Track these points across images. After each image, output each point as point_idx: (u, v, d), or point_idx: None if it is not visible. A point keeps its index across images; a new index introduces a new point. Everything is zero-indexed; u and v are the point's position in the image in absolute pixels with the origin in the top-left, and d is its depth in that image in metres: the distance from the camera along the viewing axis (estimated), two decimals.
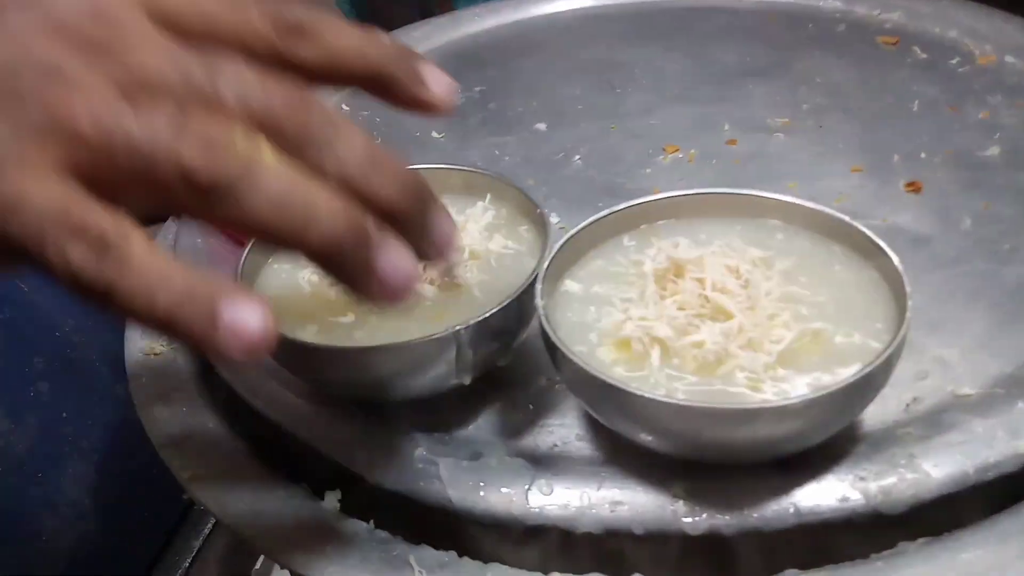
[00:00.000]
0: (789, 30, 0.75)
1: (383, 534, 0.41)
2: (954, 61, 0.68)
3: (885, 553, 0.38)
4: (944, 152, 0.59)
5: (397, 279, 0.30)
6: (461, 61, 0.79)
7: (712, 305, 0.40)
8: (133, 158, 0.28)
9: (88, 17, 0.30)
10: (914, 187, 0.56)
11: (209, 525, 0.85)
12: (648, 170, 0.62)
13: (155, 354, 0.53)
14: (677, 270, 0.42)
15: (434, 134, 0.69)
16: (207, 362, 0.53)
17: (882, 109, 0.64)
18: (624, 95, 0.70)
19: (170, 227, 0.65)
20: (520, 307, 0.41)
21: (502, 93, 0.73)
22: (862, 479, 0.38)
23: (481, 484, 0.41)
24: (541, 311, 0.40)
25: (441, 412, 0.46)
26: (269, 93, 0.30)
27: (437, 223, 0.33)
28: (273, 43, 0.33)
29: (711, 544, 0.38)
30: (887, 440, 0.40)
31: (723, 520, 0.38)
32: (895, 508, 0.38)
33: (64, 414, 0.64)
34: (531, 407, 0.46)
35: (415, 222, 0.32)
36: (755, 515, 0.38)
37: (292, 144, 0.30)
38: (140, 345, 0.54)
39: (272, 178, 0.29)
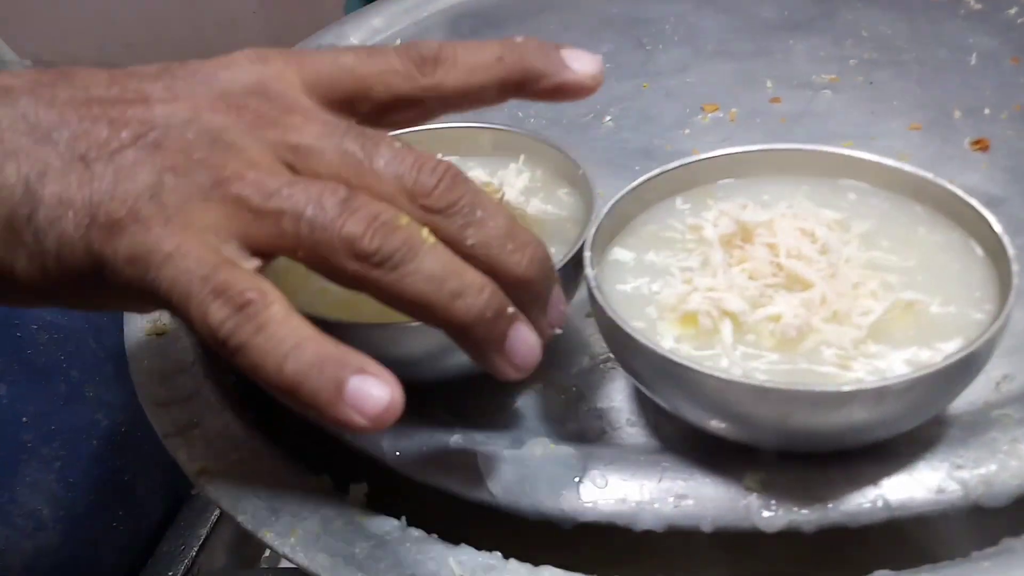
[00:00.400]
0: None
1: (417, 532, 0.36)
2: (1012, 11, 0.63)
3: (989, 551, 0.33)
4: (1012, 107, 0.54)
5: (525, 354, 0.32)
6: (478, 20, 0.74)
7: (787, 273, 0.35)
8: (299, 227, 0.30)
9: (252, 90, 0.33)
10: (981, 145, 0.51)
11: (216, 514, 0.81)
12: (687, 131, 0.57)
13: (158, 333, 0.48)
14: (744, 234, 0.37)
15: None
16: None
17: (937, 63, 0.59)
18: (655, 52, 0.65)
19: None
20: (566, 278, 0.37)
21: None
22: (959, 467, 0.34)
23: (526, 476, 0.36)
24: (592, 281, 0.35)
25: (477, 396, 0.41)
26: (420, 169, 0.31)
27: (556, 299, 0.34)
28: (416, 78, 0.35)
29: (789, 542, 0.34)
30: (982, 424, 0.36)
31: (803, 515, 0.34)
32: (998, 500, 0.33)
33: (24, 419, 0.59)
34: (574, 389, 0.41)
35: (540, 296, 0.33)
36: (839, 509, 0.34)
37: (441, 218, 0.31)
38: (141, 324, 0.49)
39: (431, 254, 0.30)
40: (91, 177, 0.30)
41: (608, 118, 0.59)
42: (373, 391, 0.29)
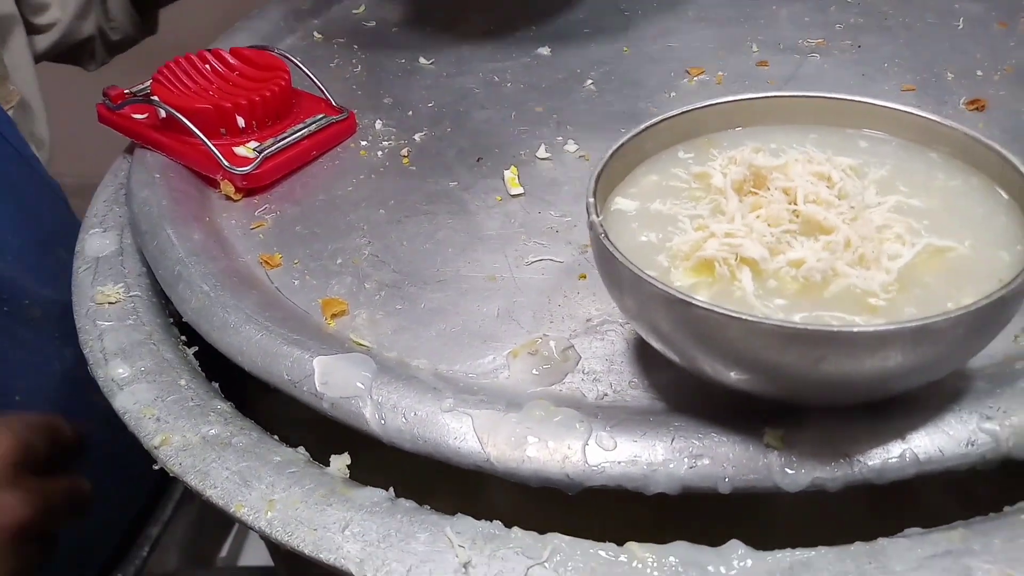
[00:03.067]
0: None
1: (408, 503, 0.33)
2: None
3: (1021, 504, 0.31)
4: (1004, 69, 0.53)
5: None
6: None
7: (805, 219, 0.33)
8: None
9: None
10: (977, 104, 0.50)
11: (168, 511, 0.77)
12: (672, 94, 0.55)
13: (109, 303, 0.45)
14: (757, 181, 0.35)
15: (422, 60, 0.61)
16: (174, 310, 0.45)
17: (925, 28, 0.58)
18: (635, 18, 0.63)
19: (121, 165, 0.57)
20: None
21: (497, 18, 0.65)
22: (988, 419, 0.32)
23: (526, 440, 0.34)
24: (599, 228, 0.32)
25: (465, 359, 0.38)
26: None
27: None
28: None
29: (814, 500, 0.32)
30: (1007, 375, 0.34)
31: (827, 472, 0.31)
32: None
33: None
34: (568, 351, 0.39)
35: None
36: (865, 465, 0.31)
37: None
38: (90, 293, 0.45)
39: None
40: None
41: (589, 81, 0.57)
42: None
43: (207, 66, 0.55)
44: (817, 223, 0.33)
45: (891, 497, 0.32)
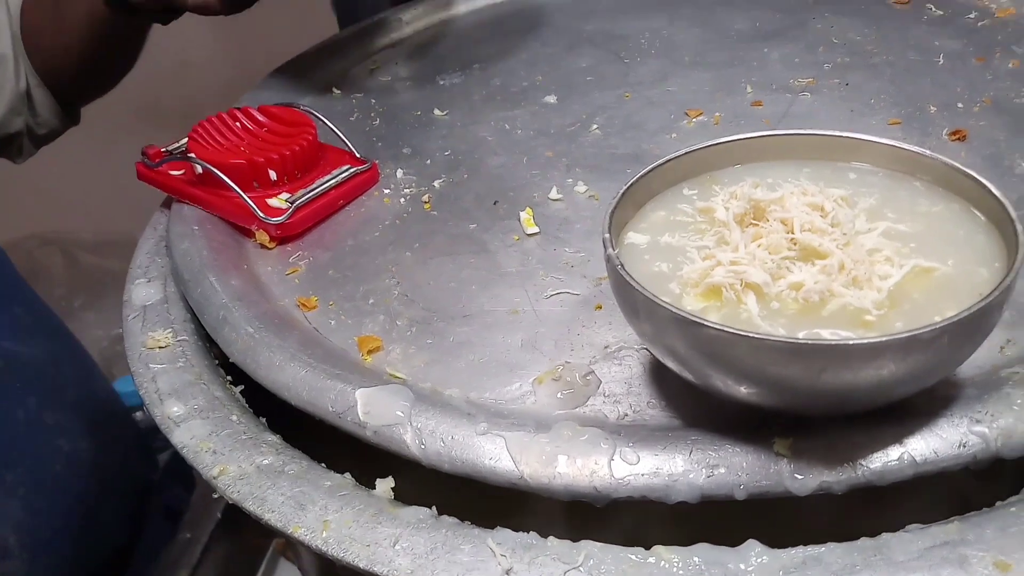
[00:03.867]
0: None
1: (450, 519, 0.36)
2: (971, 16, 0.66)
3: (1013, 499, 0.34)
4: (982, 101, 0.56)
5: None
6: (458, 40, 0.75)
7: (802, 246, 0.37)
8: None
9: None
10: (959, 135, 0.54)
11: (200, 548, 0.79)
12: (673, 135, 0.59)
13: (160, 347, 0.48)
14: (757, 213, 0.38)
15: (436, 112, 0.65)
16: (219, 352, 0.48)
17: (907, 65, 0.62)
18: (634, 65, 0.67)
19: (159, 219, 0.60)
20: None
21: (504, 69, 0.69)
22: (978, 422, 0.35)
23: (556, 458, 0.37)
24: (616, 260, 0.36)
25: (494, 388, 0.42)
26: None
27: None
28: None
29: (822, 503, 0.35)
30: (994, 382, 0.37)
31: (834, 476, 0.34)
32: (1017, 450, 0.35)
33: None
34: (589, 376, 0.42)
35: None
36: (868, 468, 0.34)
37: None
38: (141, 339, 0.49)
39: None
40: None
41: (595, 126, 0.61)
42: None
43: (238, 123, 0.59)
44: (813, 249, 0.36)
45: (894, 496, 0.35)
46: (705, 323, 0.32)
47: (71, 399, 0.69)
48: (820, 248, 0.36)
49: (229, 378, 0.47)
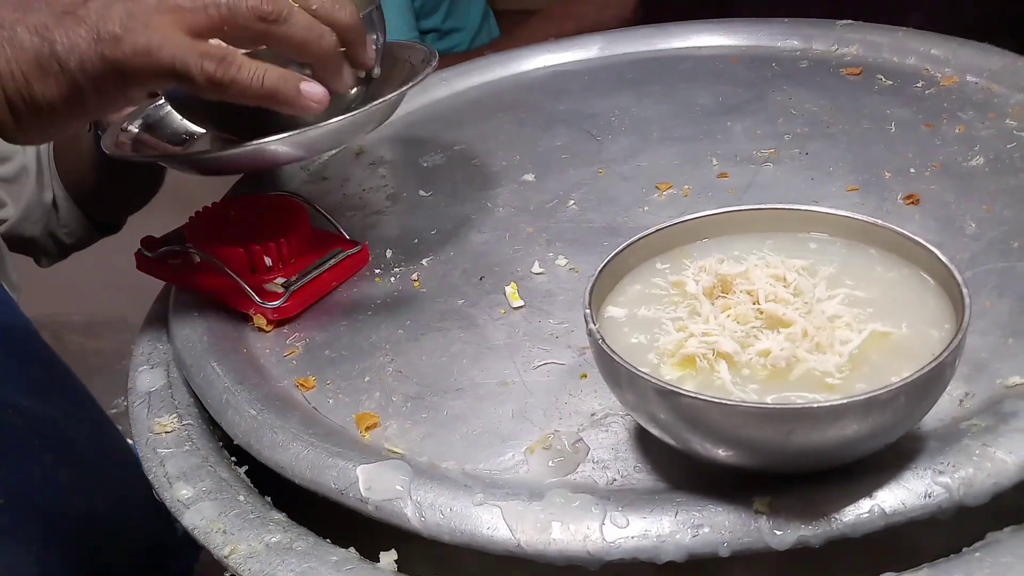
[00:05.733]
0: (754, 70, 0.77)
1: None
2: (918, 85, 0.70)
3: (977, 545, 0.37)
4: (932, 166, 0.60)
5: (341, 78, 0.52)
6: (436, 124, 0.79)
7: (767, 315, 0.40)
8: (220, 10, 0.47)
9: None
10: (912, 199, 0.57)
11: None
12: (645, 208, 0.62)
13: (166, 432, 0.50)
14: (724, 286, 0.41)
15: (421, 193, 0.69)
16: (222, 434, 0.50)
17: (862, 132, 0.66)
18: (605, 142, 0.71)
19: (157, 308, 0.63)
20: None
21: (483, 150, 0.73)
22: (941, 473, 0.38)
23: (551, 525, 0.39)
24: (597, 335, 0.39)
25: (488, 459, 0.44)
26: None
27: (370, 42, 0.54)
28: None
29: (800, 556, 0.37)
30: (954, 434, 0.40)
31: (810, 530, 0.37)
32: (978, 499, 0.37)
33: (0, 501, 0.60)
34: (578, 444, 0.44)
35: (361, 36, 0.53)
36: (841, 521, 0.37)
37: None
38: (148, 424, 0.51)
39: (298, 13, 0.49)
40: (82, 17, 0.46)
41: (572, 202, 0.64)
42: (315, 89, 0.50)
43: (231, 212, 0.62)
44: (778, 318, 0.39)
45: (867, 546, 0.37)
46: (681, 391, 0.35)
47: (87, 458, 0.70)
48: (784, 317, 0.39)
49: (234, 459, 0.49)
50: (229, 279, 0.56)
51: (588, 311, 0.40)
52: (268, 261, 0.58)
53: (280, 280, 0.57)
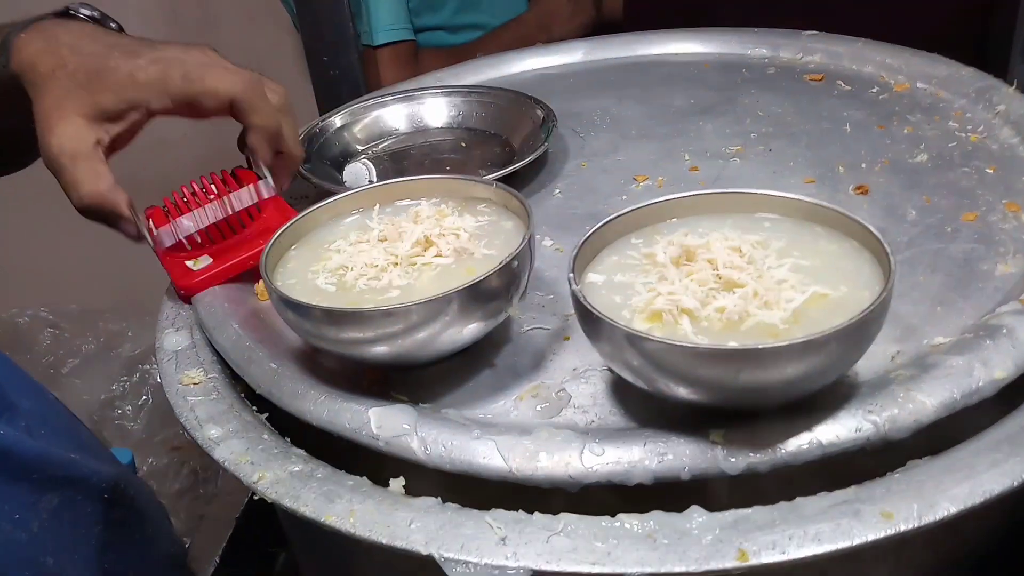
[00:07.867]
0: (725, 75, 0.84)
1: (454, 505, 0.45)
2: (874, 90, 0.78)
3: (899, 470, 0.43)
4: (882, 162, 0.67)
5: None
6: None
7: (724, 279, 0.46)
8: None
9: None
10: (862, 190, 0.64)
11: None
12: (624, 197, 0.69)
13: (195, 383, 0.56)
14: (689, 255, 0.48)
15: None
16: (244, 387, 0.56)
17: (820, 132, 0.73)
18: (588, 138, 0.78)
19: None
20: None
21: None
22: (871, 412, 0.44)
23: (538, 454, 0.45)
24: (580, 295, 0.45)
25: (484, 405, 0.50)
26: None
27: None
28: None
29: (749, 478, 0.43)
30: (884, 383, 0.46)
31: (758, 459, 0.43)
32: (901, 434, 0.44)
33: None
34: (561, 392, 0.51)
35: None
36: (784, 451, 0.43)
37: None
38: (177, 377, 0.57)
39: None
40: None
41: (558, 191, 0.71)
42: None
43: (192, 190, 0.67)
44: (733, 281, 0.46)
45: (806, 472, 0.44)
46: (650, 337, 0.41)
47: (93, 494, 0.70)
48: (739, 280, 0.46)
49: (255, 407, 0.55)
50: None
51: (572, 275, 0.46)
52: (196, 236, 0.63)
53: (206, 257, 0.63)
